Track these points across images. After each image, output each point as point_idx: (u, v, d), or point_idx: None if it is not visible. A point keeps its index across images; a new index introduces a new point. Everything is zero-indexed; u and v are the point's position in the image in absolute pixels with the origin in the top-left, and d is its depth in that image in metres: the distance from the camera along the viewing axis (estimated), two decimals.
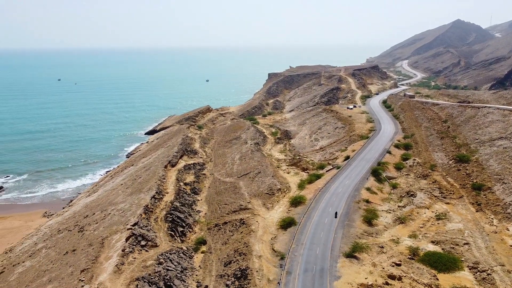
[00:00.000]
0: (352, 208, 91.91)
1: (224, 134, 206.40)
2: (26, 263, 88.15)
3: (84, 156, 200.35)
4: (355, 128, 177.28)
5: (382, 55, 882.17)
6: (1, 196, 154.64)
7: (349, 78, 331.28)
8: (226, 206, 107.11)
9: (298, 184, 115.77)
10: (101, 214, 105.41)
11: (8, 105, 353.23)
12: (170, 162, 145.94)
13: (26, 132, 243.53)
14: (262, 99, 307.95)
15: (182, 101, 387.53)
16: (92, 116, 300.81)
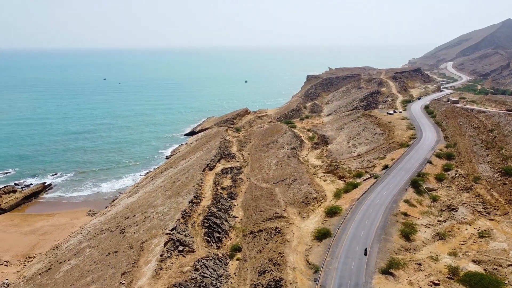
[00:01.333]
0: (389, 221, 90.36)
1: (261, 138, 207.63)
2: (72, 262, 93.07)
3: (126, 156, 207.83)
4: (395, 135, 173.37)
5: (425, 56, 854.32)
6: (50, 193, 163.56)
7: (390, 82, 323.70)
8: (261, 213, 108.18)
9: (334, 193, 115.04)
10: (141, 216, 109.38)
11: (59, 104, 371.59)
12: (208, 166, 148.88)
13: (72, 132, 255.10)
14: (300, 102, 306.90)
15: (220, 102, 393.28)
16: (132, 118, 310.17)
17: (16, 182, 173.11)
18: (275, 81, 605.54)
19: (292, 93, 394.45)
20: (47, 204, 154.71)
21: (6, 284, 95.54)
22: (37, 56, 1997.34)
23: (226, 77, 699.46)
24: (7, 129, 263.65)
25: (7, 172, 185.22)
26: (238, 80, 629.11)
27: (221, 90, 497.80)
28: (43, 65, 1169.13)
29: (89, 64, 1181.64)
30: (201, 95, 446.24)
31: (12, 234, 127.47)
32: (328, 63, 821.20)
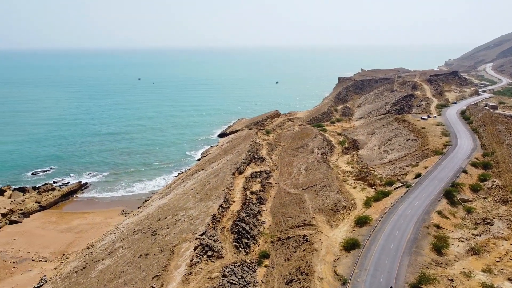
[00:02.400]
0: (420, 233, 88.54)
1: (291, 141, 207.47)
2: (105, 262, 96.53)
3: (158, 158, 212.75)
4: (429, 141, 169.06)
5: (463, 57, 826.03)
6: (86, 192, 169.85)
7: (425, 85, 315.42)
8: (290, 220, 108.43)
9: (364, 201, 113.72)
10: (172, 219, 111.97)
11: (95, 105, 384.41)
12: (238, 170, 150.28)
13: (106, 133, 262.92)
14: (331, 105, 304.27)
15: (251, 103, 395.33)
16: (163, 119, 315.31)
17: (55, 180, 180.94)
18: (306, 82, 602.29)
19: (323, 95, 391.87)
20: (83, 202, 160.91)
21: (44, 280, 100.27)
22: (76, 55, 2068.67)
23: (257, 77, 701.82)
24: (46, 129, 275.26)
25: (47, 170, 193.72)
26: (269, 81, 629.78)
27: (252, 91, 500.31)
28: (83, 64, 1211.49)
29: (126, 64, 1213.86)
30: (232, 96, 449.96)
31: (51, 231, 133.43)
32: (361, 64, 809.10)
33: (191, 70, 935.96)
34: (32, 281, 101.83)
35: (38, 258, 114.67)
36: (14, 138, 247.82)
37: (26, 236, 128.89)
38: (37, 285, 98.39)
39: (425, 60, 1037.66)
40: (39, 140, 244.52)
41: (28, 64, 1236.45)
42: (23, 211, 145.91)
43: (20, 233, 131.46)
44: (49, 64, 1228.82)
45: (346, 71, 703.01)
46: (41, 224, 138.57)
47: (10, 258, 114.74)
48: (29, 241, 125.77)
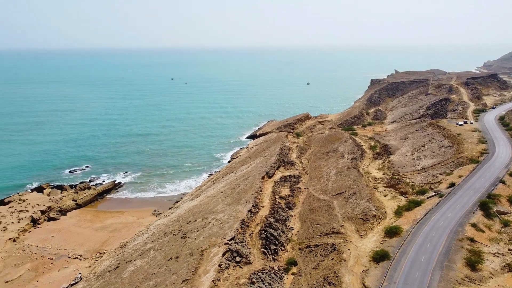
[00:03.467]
0: (453, 246, 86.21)
1: (321, 145, 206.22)
2: (137, 262, 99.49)
3: (189, 159, 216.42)
4: (464, 148, 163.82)
5: (503, 58, 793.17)
6: (119, 191, 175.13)
7: (461, 88, 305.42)
8: (318, 227, 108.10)
9: (395, 210, 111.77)
10: (201, 222, 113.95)
11: (129, 106, 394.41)
12: (267, 173, 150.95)
13: (138, 134, 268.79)
14: (362, 108, 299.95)
15: (281, 105, 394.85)
16: (193, 121, 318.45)
17: (90, 178, 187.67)
18: (338, 83, 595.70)
19: (355, 98, 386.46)
20: (116, 202, 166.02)
21: (79, 277, 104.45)
22: (111, 55, 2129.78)
23: (288, 78, 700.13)
24: (81, 129, 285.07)
25: (83, 169, 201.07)
26: (300, 82, 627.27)
27: (282, 92, 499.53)
28: (116, 64, 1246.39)
29: (159, 64, 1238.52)
30: (262, 97, 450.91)
31: (86, 229, 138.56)
32: (394, 65, 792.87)
33: (223, 70, 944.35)
34: (68, 278, 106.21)
35: (74, 256, 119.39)
36: (52, 138, 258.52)
37: (63, 233, 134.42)
38: (73, 282, 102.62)
39: (463, 61, 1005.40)
40: (74, 140, 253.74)
41: (61, 64, 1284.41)
42: (60, 208, 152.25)
43: (57, 230, 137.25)
44: (82, 64, 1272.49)
45: (379, 72, 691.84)
46: (77, 222, 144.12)
47: (48, 254, 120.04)
48: (66, 238, 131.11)
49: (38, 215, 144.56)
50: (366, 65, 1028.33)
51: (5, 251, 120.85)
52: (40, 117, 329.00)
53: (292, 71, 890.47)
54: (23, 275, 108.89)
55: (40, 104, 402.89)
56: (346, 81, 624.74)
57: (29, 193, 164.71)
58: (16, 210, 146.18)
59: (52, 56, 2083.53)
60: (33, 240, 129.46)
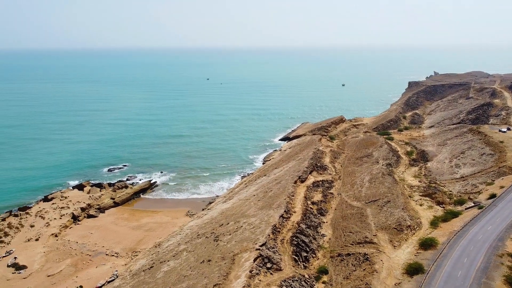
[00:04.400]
0: (492, 262, 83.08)
1: (355, 149, 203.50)
2: (170, 263, 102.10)
3: (222, 161, 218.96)
4: (507, 157, 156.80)
5: None
6: (155, 191, 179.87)
7: (505, 92, 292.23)
8: (350, 235, 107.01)
9: (430, 221, 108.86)
10: (234, 226, 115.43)
11: (165, 106, 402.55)
12: (300, 178, 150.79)
13: (173, 136, 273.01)
14: (399, 112, 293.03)
15: (316, 107, 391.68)
16: (226, 123, 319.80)
17: (127, 177, 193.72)
18: (374, 85, 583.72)
19: (391, 100, 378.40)
20: (152, 201, 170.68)
21: (115, 275, 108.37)
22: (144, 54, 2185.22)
23: (323, 79, 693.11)
24: (118, 129, 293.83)
25: (121, 168, 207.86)
26: (335, 83, 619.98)
27: (316, 93, 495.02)
28: (153, 63, 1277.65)
29: (195, 64, 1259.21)
30: (296, 99, 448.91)
31: (123, 227, 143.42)
32: (434, 66, 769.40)
33: (257, 71, 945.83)
34: (105, 275, 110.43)
35: (111, 253, 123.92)
36: (91, 137, 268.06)
37: (101, 231, 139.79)
38: (109, 280, 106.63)
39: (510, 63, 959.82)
40: (112, 140, 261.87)
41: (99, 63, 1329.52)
42: (99, 206, 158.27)
43: (96, 227, 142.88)
44: (118, 63, 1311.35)
45: (417, 73, 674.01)
46: (114, 220, 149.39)
47: (87, 250, 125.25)
48: (104, 235, 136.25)
49: (79, 212, 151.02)
50: (404, 66, 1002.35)
51: (48, 246, 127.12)
52: (79, 117, 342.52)
53: (327, 71, 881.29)
54: (63, 270, 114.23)
55: (79, 104, 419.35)
56: (383, 83, 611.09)
57: (70, 190, 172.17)
58: (58, 207, 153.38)
59: (81, 55, 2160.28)
60: (73, 236, 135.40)
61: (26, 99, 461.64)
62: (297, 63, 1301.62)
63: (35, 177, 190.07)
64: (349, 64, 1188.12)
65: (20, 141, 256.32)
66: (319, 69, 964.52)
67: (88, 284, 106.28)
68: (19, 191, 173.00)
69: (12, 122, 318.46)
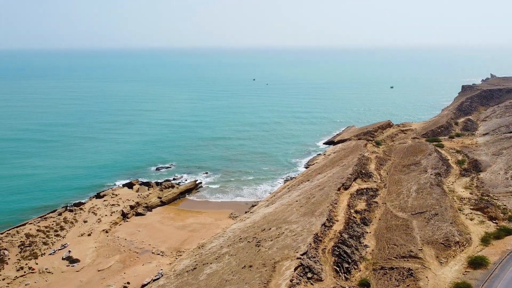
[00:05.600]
0: None
1: (403, 156, 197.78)
2: (213, 266, 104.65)
3: (264, 164, 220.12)
4: None
5: None
6: (199, 192, 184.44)
7: None
8: (395, 247, 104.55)
9: (481, 237, 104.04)
10: (275, 231, 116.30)
11: (209, 107, 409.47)
12: (343, 185, 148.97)
13: (215, 138, 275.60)
14: (451, 117, 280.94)
15: (362, 111, 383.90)
16: (269, 126, 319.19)
17: (174, 177, 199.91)
18: (425, 88, 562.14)
19: (442, 105, 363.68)
20: (196, 201, 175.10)
21: (160, 274, 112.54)
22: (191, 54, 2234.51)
23: (370, 81, 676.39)
24: (165, 130, 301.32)
25: (168, 167, 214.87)
26: (382, 85, 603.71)
27: (363, 96, 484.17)
28: (201, 63, 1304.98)
29: (241, 64, 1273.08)
30: (342, 101, 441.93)
31: (168, 226, 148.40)
32: (490, 68, 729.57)
33: (305, 71, 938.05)
34: (151, 273, 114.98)
35: (157, 252, 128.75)
36: (138, 137, 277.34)
37: (148, 229, 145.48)
38: (155, 278, 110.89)
39: None
40: (157, 140, 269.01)
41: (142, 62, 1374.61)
42: (147, 205, 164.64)
43: (143, 225, 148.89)
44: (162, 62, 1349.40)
45: (472, 76, 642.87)
46: (160, 219, 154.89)
47: (134, 248, 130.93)
48: (150, 234, 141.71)
49: (128, 209, 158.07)
50: (458, 68, 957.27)
51: (99, 241, 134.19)
52: (127, 116, 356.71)
53: (374, 73, 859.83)
54: (112, 265, 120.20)
55: (127, 103, 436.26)
56: (434, 86, 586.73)
57: (120, 188, 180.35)
58: (109, 204, 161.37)
59: (121, 55, 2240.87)
60: (122, 233, 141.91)
61: (76, 97, 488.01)
62: (346, 63, 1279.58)
63: (87, 175, 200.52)
64: (399, 65, 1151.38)
65: (71, 140, 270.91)
66: (367, 70, 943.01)
67: (135, 281, 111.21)
68: (73, 188, 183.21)
69: (64, 121, 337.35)
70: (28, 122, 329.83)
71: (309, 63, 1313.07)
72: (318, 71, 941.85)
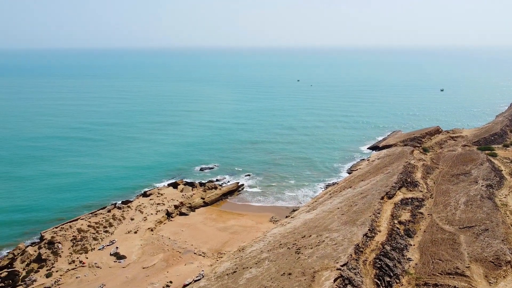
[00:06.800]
0: None
1: (451, 165, 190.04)
2: (252, 270, 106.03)
3: (307, 168, 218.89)
4: None
5: None
6: (241, 193, 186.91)
7: None
8: (439, 263, 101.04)
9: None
10: (316, 239, 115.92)
11: (252, 108, 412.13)
12: (387, 194, 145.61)
13: (259, 141, 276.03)
14: (506, 124, 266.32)
15: (408, 115, 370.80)
16: (308, 130, 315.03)
17: (217, 178, 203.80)
18: (478, 92, 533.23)
19: (497, 111, 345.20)
20: (237, 203, 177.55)
21: (201, 275, 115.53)
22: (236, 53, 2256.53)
23: (417, 83, 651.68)
24: (208, 131, 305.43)
25: (212, 168, 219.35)
26: (432, 88, 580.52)
27: (410, 99, 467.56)
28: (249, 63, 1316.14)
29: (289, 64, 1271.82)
30: (389, 105, 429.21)
31: (211, 228, 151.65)
32: None
33: (351, 72, 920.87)
34: (192, 273, 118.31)
35: (199, 252, 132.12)
36: (182, 138, 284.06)
37: (191, 229, 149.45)
38: (196, 279, 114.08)
39: None
40: (200, 142, 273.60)
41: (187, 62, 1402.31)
42: (190, 205, 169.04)
43: (186, 225, 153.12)
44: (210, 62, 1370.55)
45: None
46: (203, 220, 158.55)
47: (177, 247, 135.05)
48: (193, 234, 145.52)
49: (172, 209, 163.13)
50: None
51: (144, 239, 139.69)
52: (172, 117, 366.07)
53: (422, 74, 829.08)
54: (156, 264, 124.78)
55: (173, 104, 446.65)
56: (488, 90, 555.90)
57: (166, 187, 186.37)
58: (155, 203, 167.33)
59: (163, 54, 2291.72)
60: (166, 232, 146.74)
61: (126, 97, 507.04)
62: (397, 64, 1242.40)
63: (133, 174, 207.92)
64: (451, 66, 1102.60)
65: (119, 139, 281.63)
66: (414, 71, 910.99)
67: (177, 281, 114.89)
68: (120, 186, 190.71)
69: (113, 120, 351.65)
70: (79, 121, 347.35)
71: (357, 64, 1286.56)
72: (365, 72, 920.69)
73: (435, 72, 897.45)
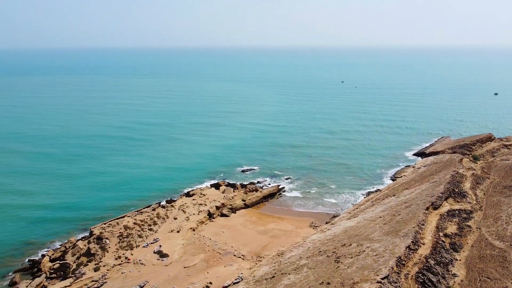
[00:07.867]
0: None
1: (504, 175, 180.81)
2: (291, 277, 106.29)
3: (348, 173, 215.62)
4: None
5: None
6: (282, 197, 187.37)
7: None
8: (488, 281, 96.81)
9: None
10: (356, 249, 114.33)
11: (295, 111, 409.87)
12: (433, 204, 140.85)
13: (297, 146, 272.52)
14: None
15: (457, 120, 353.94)
16: (350, 134, 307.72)
17: (258, 180, 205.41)
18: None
19: None
20: (277, 207, 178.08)
21: (240, 277, 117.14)
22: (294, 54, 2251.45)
23: (471, 86, 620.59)
24: (249, 134, 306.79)
25: (253, 169, 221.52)
26: (485, 91, 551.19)
27: (461, 104, 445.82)
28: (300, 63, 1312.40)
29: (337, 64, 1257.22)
30: (437, 109, 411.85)
31: (250, 230, 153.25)
32: None
33: (401, 74, 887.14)
34: (231, 275, 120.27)
35: (238, 255, 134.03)
36: (223, 140, 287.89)
37: (231, 231, 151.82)
38: (235, 281, 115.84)
39: None
40: (240, 144, 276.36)
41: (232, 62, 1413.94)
42: (231, 206, 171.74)
43: (227, 226, 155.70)
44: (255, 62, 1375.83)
45: None
46: (243, 222, 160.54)
47: (218, 248, 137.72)
48: (233, 236, 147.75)
49: (214, 210, 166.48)
50: None
51: (186, 238, 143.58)
52: (214, 118, 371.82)
53: (476, 76, 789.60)
54: (197, 264, 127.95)
55: (216, 104, 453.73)
56: None
57: (208, 188, 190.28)
58: (197, 203, 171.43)
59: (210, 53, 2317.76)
60: (207, 232, 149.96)
61: (171, 96, 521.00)
62: (448, 65, 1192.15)
63: (177, 174, 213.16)
64: (507, 67, 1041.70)
65: (162, 139, 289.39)
66: (467, 73, 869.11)
67: (216, 282, 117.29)
68: (165, 185, 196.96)
69: (157, 120, 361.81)
70: (124, 120, 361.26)
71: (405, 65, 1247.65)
72: (416, 73, 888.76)
73: (490, 74, 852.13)
